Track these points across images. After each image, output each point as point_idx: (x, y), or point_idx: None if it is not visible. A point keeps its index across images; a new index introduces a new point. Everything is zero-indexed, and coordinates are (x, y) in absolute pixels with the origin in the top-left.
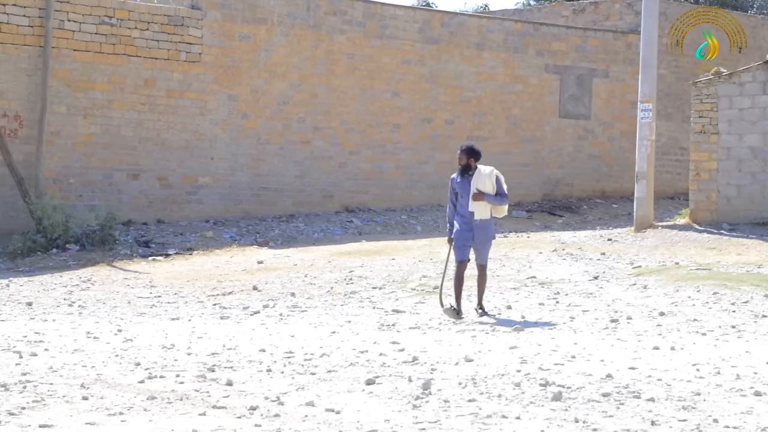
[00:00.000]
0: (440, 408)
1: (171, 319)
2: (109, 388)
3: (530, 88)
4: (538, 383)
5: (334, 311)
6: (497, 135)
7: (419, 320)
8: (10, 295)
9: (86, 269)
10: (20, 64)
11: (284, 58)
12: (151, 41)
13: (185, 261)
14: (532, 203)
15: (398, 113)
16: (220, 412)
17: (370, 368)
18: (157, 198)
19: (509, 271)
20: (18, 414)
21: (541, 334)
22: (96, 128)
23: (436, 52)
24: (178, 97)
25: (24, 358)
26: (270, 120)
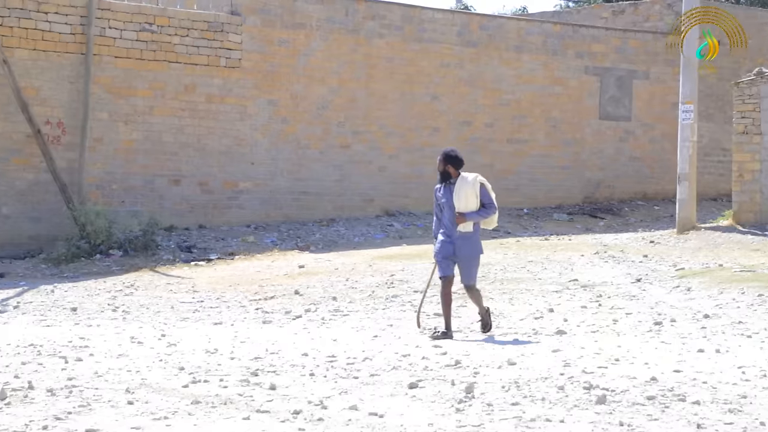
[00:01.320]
0: (483, 411)
1: (214, 324)
2: (153, 392)
3: (570, 90)
4: (582, 386)
5: (376, 315)
6: (537, 137)
7: (461, 323)
8: (55, 300)
9: (129, 275)
10: (62, 72)
11: (323, 62)
12: (192, 47)
13: (227, 266)
14: (573, 206)
15: (437, 117)
16: (264, 417)
17: (413, 372)
18: (198, 203)
19: (551, 274)
20: (65, 419)
21: (584, 337)
22: (137, 134)
23: (475, 55)
24: (218, 103)
25: (70, 363)
26: (310, 125)
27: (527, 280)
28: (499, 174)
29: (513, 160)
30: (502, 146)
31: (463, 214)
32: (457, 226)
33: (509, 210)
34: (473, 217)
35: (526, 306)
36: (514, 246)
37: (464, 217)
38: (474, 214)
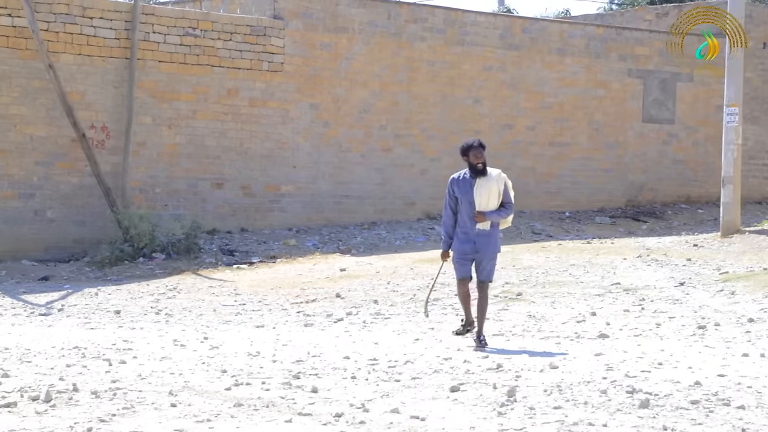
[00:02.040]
0: (526, 415)
1: (256, 327)
2: (196, 395)
3: (613, 93)
4: (625, 390)
5: (417, 318)
6: (579, 141)
7: (502, 327)
8: (99, 303)
9: (172, 278)
10: (107, 76)
11: (365, 66)
12: (234, 51)
13: (269, 269)
14: (616, 209)
15: (479, 120)
16: (306, 419)
17: (455, 375)
18: (240, 207)
19: (593, 278)
20: (109, 421)
21: (627, 340)
22: (181, 138)
23: (518, 58)
24: (260, 107)
25: (113, 366)
26: (351, 128)
27: (569, 283)
28: (540, 177)
29: (555, 163)
30: (544, 149)
31: (483, 213)
32: (476, 224)
33: (551, 213)
34: (493, 217)
35: (568, 309)
36: (556, 249)
37: (484, 216)
38: (494, 213)
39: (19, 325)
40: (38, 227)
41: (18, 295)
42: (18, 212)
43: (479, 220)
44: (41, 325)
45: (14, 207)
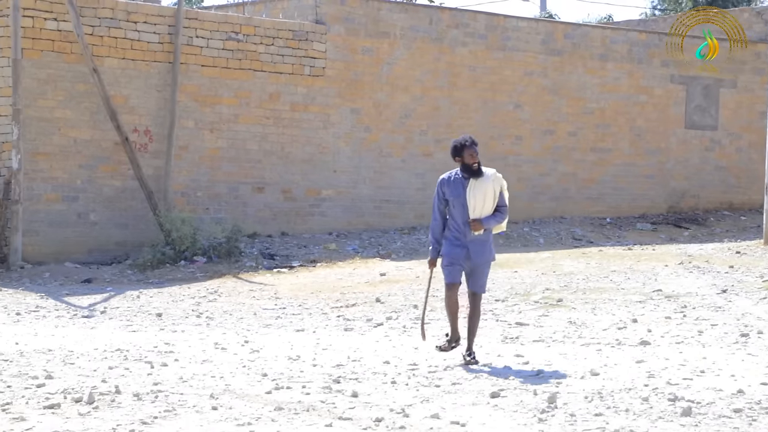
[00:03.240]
0: (566, 422)
1: (296, 331)
2: (237, 398)
3: (655, 99)
4: (667, 398)
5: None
6: (621, 147)
7: (543, 333)
8: (141, 306)
9: (213, 281)
10: (150, 80)
11: (406, 71)
12: (276, 56)
13: (309, 273)
14: (657, 215)
15: (520, 125)
16: (346, 424)
17: (495, 381)
18: (281, 211)
19: (634, 284)
20: (150, 423)
21: (668, 348)
22: (222, 142)
23: (559, 64)
24: (302, 111)
25: (155, 369)
26: (392, 133)
27: (610, 290)
28: (581, 183)
29: (596, 169)
30: (585, 155)
31: (479, 220)
32: (470, 229)
33: (592, 219)
34: (490, 223)
35: (609, 316)
36: (597, 255)
37: (480, 223)
38: (491, 218)
39: (62, 327)
40: (81, 230)
41: (61, 297)
42: (62, 215)
43: (476, 229)
44: (84, 327)
45: (58, 210)
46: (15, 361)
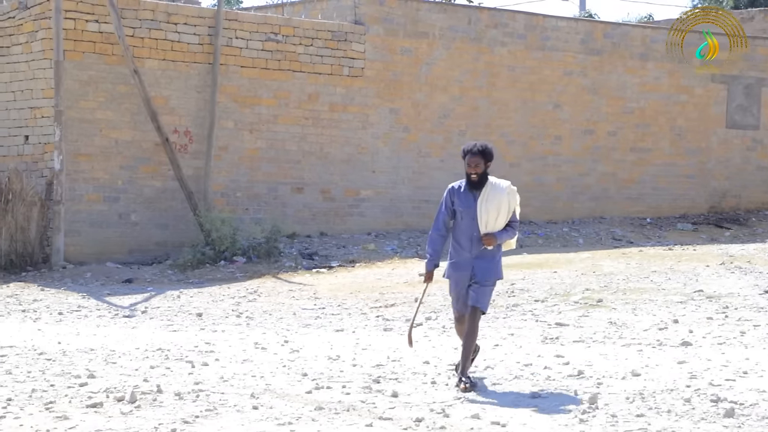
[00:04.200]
0: (608, 423)
1: (335, 331)
2: (277, 398)
3: (695, 98)
4: (709, 399)
5: (497, 324)
6: (661, 146)
7: (583, 333)
8: (181, 306)
9: (252, 281)
10: (190, 81)
11: (445, 71)
12: (315, 57)
13: (348, 273)
14: (698, 215)
15: (559, 125)
16: (387, 423)
17: (535, 381)
18: (320, 211)
19: (675, 285)
20: (192, 422)
21: (710, 349)
22: (262, 143)
23: (599, 63)
24: (340, 111)
25: (196, 368)
26: (431, 133)
27: (651, 290)
28: (621, 183)
29: (636, 169)
30: (625, 155)
31: (492, 235)
32: (479, 244)
33: (632, 219)
34: (503, 237)
35: (649, 316)
36: (637, 256)
37: (494, 238)
38: (504, 233)
39: (103, 327)
40: (122, 230)
41: (102, 297)
42: (103, 215)
43: (489, 244)
44: (125, 326)
45: (99, 210)
46: (58, 360)
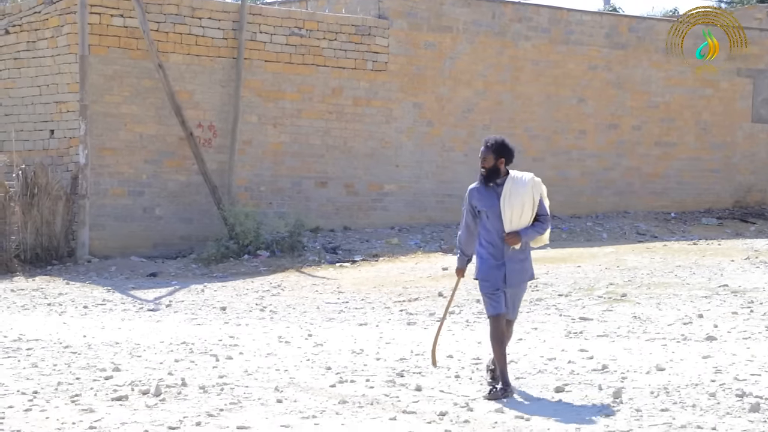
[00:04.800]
0: (632, 417)
1: (359, 325)
2: (301, 391)
3: (721, 92)
4: (735, 394)
5: (520, 318)
6: (686, 141)
7: (607, 328)
8: (205, 300)
9: (276, 275)
10: (214, 76)
11: (469, 65)
12: (339, 51)
13: (371, 267)
14: (723, 210)
15: (584, 119)
16: (410, 417)
17: (559, 376)
18: (343, 205)
19: (700, 279)
20: (216, 415)
21: (735, 343)
22: (285, 137)
23: (623, 58)
24: (364, 106)
25: (220, 362)
26: (454, 127)
27: (675, 284)
28: (646, 177)
29: (661, 163)
30: (649, 149)
31: (517, 233)
32: (506, 244)
33: (656, 214)
34: (529, 235)
35: (674, 311)
36: (662, 250)
37: (519, 236)
38: (530, 230)
39: (128, 320)
40: (147, 224)
41: (127, 291)
42: (127, 209)
43: (512, 243)
44: (150, 320)
45: (124, 204)
46: (83, 353)
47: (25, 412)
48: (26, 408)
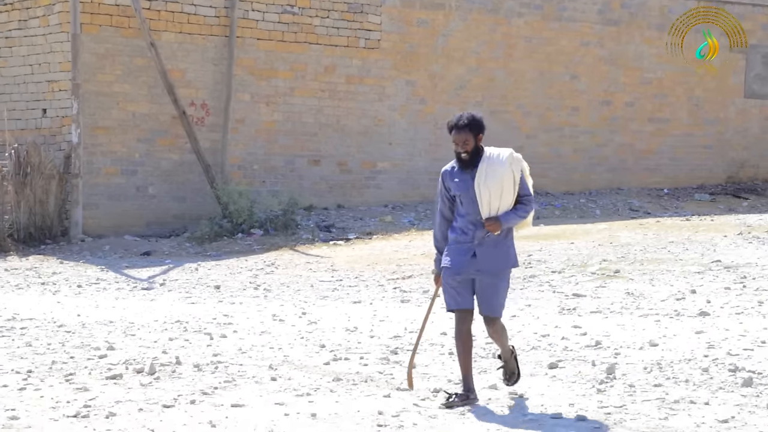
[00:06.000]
0: (625, 392)
1: (353, 303)
2: (296, 369)
3: (713, 68)
4: (727, 369)
5: (514, 295)
6: (679, 117)
7: (600, 304)
8: (199, 278)
9: (270, 253)
10: (207, 54)
11: (462, 42)
12: (332, 29)
13: (365, 245)
14: (715, 186)
15: (577, 96)
16: (404, 395)
17: (552, 352)
18: (336, 183)
19: (693, 255)
20: (211, 393)
21: (728, 319)
22: (278, 115)
23: (616, 34)
24: (357, 84)
25: (215, 340)
26: (447, 105)
27: (668, 260)
28: (639, 154)
29: (654, 139)
30: (642, 126)
31: (496, 219)
32: (483, 230)
33: (649, 190)
34: (511, 220)
35: (667, 287)
36: (654, 226)
37: (498, 222)
38: (511, 214)
39: (122, 299)
40: (140, 203)
41: (121, 270)
42: (120, 188)
43: (493, 229)
44: (144, 299)
45: (117, 183)
46: (77, 332)
47: (20, 391)
48: (20, 387)
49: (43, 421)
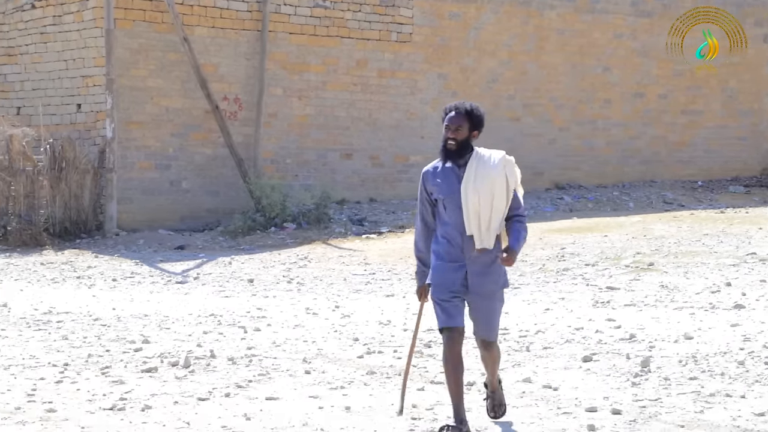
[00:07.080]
0: (660, 386)
1: (386, 296)
2: (329, 362)
3: (748, 59)
4: (763, 362)
5: (547, 288)
6: (713, 108)
7: (635, 297)
8: (233, 272)
9: (303, 247)
10: (239, 49)
11: (494, 36)
12: (363, 23)
13: (397, 239)
14: (750, 178)
15: (609, 88)
16: (438, 387)
17: (587, 345)
18: (369, 177)
19: (727, 248)
20: (245, 387)
21: (764, 311)
22: (310, 109)
23: (649, 26)
24: (389, 77)
25: (248, 333)
26: (479, 98)
27: (702, 253)
28: (672, 146)
29: (687, 132)
30: (676, 118)
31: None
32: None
33: (683, 182)
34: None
35: (701, 279)
36: (689, 219)
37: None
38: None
39: (157, 293)
40: (174, 197)
41: (155, 264)
42: (154, 183)
43: (509, 264)
44: (178, 292)
45: (151, 178)
46: (113, 326)
47: (56, 384)
48: (57, 380)
49: (79, 414)
